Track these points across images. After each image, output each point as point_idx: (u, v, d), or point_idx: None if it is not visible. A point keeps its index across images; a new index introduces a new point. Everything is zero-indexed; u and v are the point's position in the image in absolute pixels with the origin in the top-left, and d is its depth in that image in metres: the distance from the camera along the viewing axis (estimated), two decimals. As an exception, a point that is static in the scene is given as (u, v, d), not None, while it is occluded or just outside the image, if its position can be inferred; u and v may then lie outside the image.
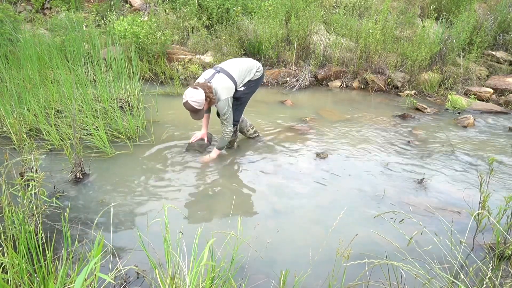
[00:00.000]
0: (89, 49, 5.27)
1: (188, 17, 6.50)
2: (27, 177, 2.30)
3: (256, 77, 3.31)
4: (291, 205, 2.83)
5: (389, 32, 5.90)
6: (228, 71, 3.14)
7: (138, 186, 2.93)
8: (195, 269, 1.55)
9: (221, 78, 3.08)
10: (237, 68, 3.18)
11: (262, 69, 3.38)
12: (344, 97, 5.65)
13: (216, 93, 3.05)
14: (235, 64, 3.22)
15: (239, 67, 3.20)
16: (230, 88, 3.09)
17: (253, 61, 3.36)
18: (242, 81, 3.22)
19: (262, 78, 3.42)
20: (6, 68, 4.29)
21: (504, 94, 5.63)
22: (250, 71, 3.26)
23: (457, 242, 2.18)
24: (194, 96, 2.92)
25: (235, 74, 3.15)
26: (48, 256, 1.75)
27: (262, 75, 3.39)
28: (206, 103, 3.03)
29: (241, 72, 3.20)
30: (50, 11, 7.29)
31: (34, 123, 3.55)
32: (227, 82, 3.08)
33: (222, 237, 2.01)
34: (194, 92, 2.93)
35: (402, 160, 3.64)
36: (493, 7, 7.00)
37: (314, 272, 2.09)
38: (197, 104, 2.93)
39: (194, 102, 2.92)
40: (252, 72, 3.27)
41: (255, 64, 3.33)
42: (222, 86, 3.05)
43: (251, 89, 3.33)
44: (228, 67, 3.18)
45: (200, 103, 2.94)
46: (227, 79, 3.09)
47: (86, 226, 2.41)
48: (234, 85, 3.12)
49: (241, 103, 3.34)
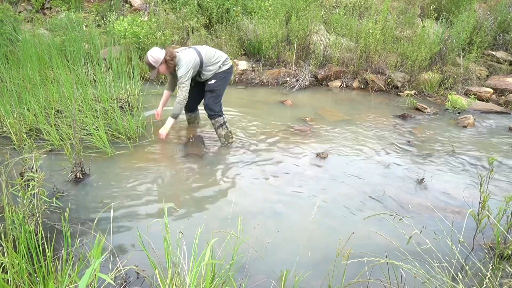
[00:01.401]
0: (89, 49, 5.27)
1: (188, 17, 6.50)
2: (27, 177, 2.30)
3: (223, 69, 3.57)
4: (291, 205, 2.83)
5: (389, 32, 5.90)
6: (199, 49, 3.48)
7: (138, 186, 2.93)
8: (195, 269, 1.55)
9: (190, 51, 3.44)
10: (209, 52, 3.51)
11: (230, 63, 3.64)
12: (344, 97, 5.65)
13: (179, 61, 3.37)
14: (208, 48, 3.57)
15: (210, 51, 3.53)
16: (193, 59, 3.38)
17: (224, 53, 3.65)
18: (209, 63, 3.49)
19: (230, 72, 3.67)
20: (6, 68, 4.29)
21: (504, 94, 5.63)
22: (218, 58, 3.54)
23: (457, 242, 2.19)
24: (153, 53, 3.35)
25: (204, 54, 3.47)
26: (48, 256, 1.74)
27: (230, 69, 3.64)
28: (163, 65, 3.38)
29: (210, 54, 3.50)
30: (50, 11, 7.29)
31: (34, 123, 3.55)
32: (193, 54, 3.41)
33: (222, 237, 2.01)
34: (156, 50, 3.38)
35: (402, 160, 3.64)
36: (493, 7, 7.00)
37: (314, 272, 2.09)
38: (153, 59, 3.33)
39: (151, 56, 3.34)
40: (220, 61, 3.54)
41: (223, 55, 3.60)
42: (186, 56, 3.38)
43: (222, 81, 3.59)
44: (200, 47, 3.54)
45: (155, 59, 3.33)
46: (194, 53, 3.42)
47: (86, 226, 2.41)
48: (199, 60, 3.43)
49: (217, 95, 3.58)
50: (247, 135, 3.97)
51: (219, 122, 3.61)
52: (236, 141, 3.80)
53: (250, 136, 3.95)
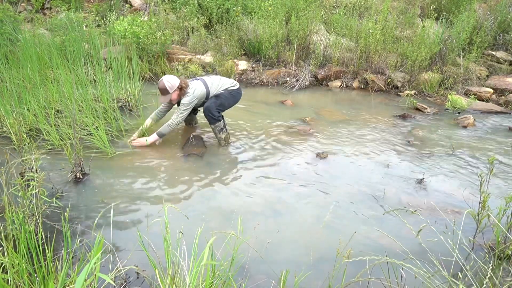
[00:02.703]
0: (89, 49, 5.26)
1: (188, 17, 6.50)
2: (27, 177, 2.30)
3: (231, 88, 3.70)
4: (291, 205, 2.83)
5: (389, 32, 5.90)
6: (206, 81, 3.60)
7: (138, 186, 2.93)
8: (195, 269, 1.55)
9: (198, 83, 3.54)
10: (214, 83, 3.62)
11: (237, 85, 3.77)
12: (344, 97, 5.65)
13: (189, 90, 3.47)
14: (215, 79, 3.69)
15: (215, 81, 3.64)
16: (201, 92, 3.52)
17: (229, 79, 3.76)
18: (215, 94, 3.60)
19: (240, 92, 3.79)
20: (6, 68, 4.29)
21: (504, 94, 5.63)
22: (223, 86, 3.65)
23: (457, 241, 2.19)
24: (170, 79, 3.42)
25: (210, 86, 3.58)
26: (48, 256, 1.74)
27: (238, 89, 3.77)
28: (176, 92, 3.45)
29: (215, 85, 3.62)
30: (50, 11, 7.29)
31: (34, 123, 3.55)
32: (201, 87, 3.53)
33: (222, 237, 2.01)
34: (172, 77, 3.45)
35: (402, 160, 3.64)
36: (493, 7, 7.00)
37: (314, 272, 2.09)
38: (169, 85, 3.39)
39: (168, 82, 3.39)
40: (223, 87, 3.65)
41: (227, 81, 3.72)
42: (195, 87, 3.50)
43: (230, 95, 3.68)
44: (207, 78, 3.66)
45: (171, 86, 3.39)
46: (202, 86, 3.54)
47: (86, 226, 2.41)
48: (206, 93, 3.56)
49: (221, 103, 3.61)
50: (247, 135, 3.97)
51: (219, 127, 3.62)
52: (236, 141, 3.80)
53: (250, 136, 3.95)
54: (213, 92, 3.59)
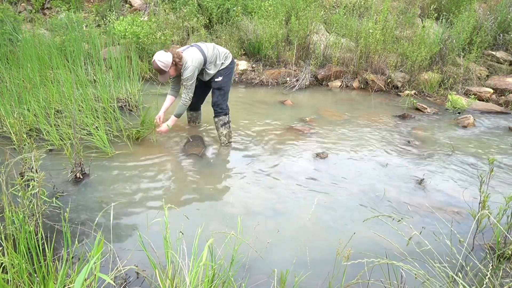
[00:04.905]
0: (89, 49, 5.26)
1: (188, 17, 6.50)
2: (27, 177, 2.29)
3: (226, 65, 3.58)
4: (291, 205, 2.83)
5: (389, 32, 5.90)
6: (201, 47, 3.47)
7: (138, 186, 2.93)
8: (195, 269, 1.55)
9: (193, 51, 3.40)
10: (209, 48, 3.50)
11: (231, 57, 3.65)
12: (344, 97, 5.65)
13: (185, 62, 3.34)
14: (208, 45, 3.56)
15: (209, 47, 3.51)
16: (198, 59, 3.38)
17: (222, 48, 3.64)
18: (212, 61, 3.49)
19: (233, 66, 3.70)
20: (6, 68, 4.29)
21: (504, 94, 5.63)
22: (219, 54, 3.54)
23: (457, 242, 2.19)
24: (161, 57, 3.27)
25: (206, 51, 3.46)
26: (48, 256, 1.74)
27: (232, 63, 3.65)
28: (172, 67, 3.34)
29: (211, 50, 3.49)
30: (50, 11, 7.29)
31: (34, 123, 3.55)
32: (197, 54, 3.38)
33: (222, 237, 2.01)
34: (163, 53, 3.29)
35: (402, 160, 3.64)
36: (493, 7, 7.00)
37: (314, 272, 2.09)
38: (162, 64, 3.26)
39: (160, 61, 3.25)
40: (221, 56, 3.55)
41: (223, 50, 3.61)
42: (191, 57, 3.35)
43: (228, 77, 3.61)
44: (201, 44, 3.53)
45: (165, 63, 3.27)
46: (198, 52, 3.40)
47: (86, 226, 2.41)
48: (203, 59, 3.42)
49: (225, 92, 3.62)
50: (247, 135, 3.97)
51: (223, 121, 3.62)
52: (235, 141, 3.80)
53: (250, 136, 3.95)
54: (211, 57, 3.46)
